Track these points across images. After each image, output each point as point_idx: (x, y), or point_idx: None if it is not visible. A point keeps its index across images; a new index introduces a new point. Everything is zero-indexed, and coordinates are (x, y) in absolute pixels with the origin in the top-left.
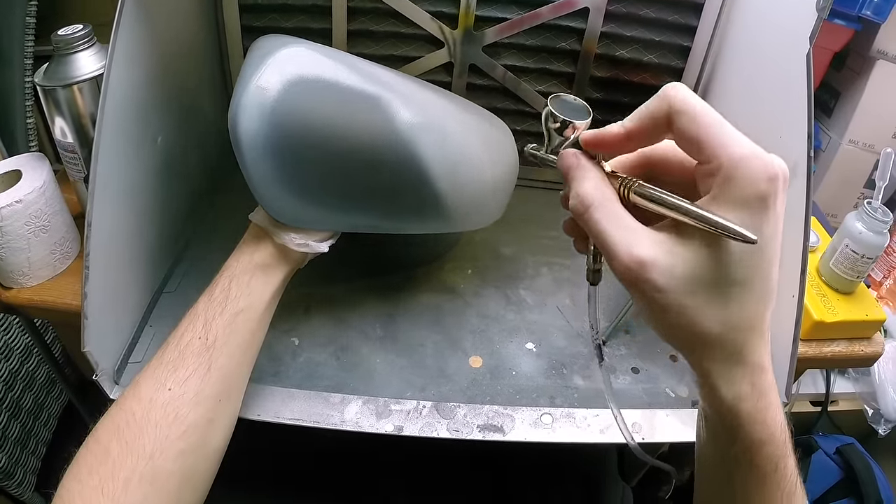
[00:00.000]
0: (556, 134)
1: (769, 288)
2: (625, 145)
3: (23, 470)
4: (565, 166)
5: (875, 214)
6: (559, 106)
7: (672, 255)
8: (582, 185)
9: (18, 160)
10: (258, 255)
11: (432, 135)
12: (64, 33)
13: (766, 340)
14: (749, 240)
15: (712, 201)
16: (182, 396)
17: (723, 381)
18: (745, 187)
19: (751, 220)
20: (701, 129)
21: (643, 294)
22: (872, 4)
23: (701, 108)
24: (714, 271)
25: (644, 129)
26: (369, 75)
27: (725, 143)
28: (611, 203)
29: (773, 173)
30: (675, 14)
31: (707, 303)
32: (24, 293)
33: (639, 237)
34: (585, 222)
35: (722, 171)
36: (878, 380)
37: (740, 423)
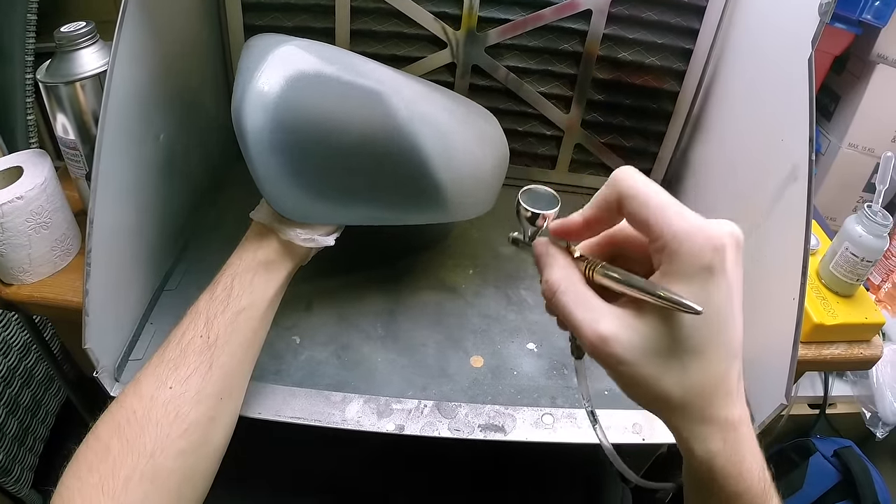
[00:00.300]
0: (528, 223)
1: (728, 350)
2: (586, 231)
3: (20, 467)
4: (536, 255)
5: (875, 218)
6: (529, 199)
7: (631, 330)
8: (550, 272)
9: (19, 156)
10: (261, 253)
11: (431, 127)
12: (67, 30)
13: (734, 397)
14: (693, 311)
15: (663, 276)
16: (183, 395)
17: (693, 439)
18: (690, 260)
19: (699, 290)
20: (646, 210)
21: (609, 366)
22: (873, 8)
23: (645, 190)
24: (668, 341)
25: (600, 215)
26: (368, 71)
27: (669, 220)
28: (576, 286)
29: (719, 243)
30: (677, 17)
31: (666, 370)
32: (24, 290)
33: (601, 315)
34: (554, 305)
35: (667, 247)
36: (875, 383)
37: (714, 477)
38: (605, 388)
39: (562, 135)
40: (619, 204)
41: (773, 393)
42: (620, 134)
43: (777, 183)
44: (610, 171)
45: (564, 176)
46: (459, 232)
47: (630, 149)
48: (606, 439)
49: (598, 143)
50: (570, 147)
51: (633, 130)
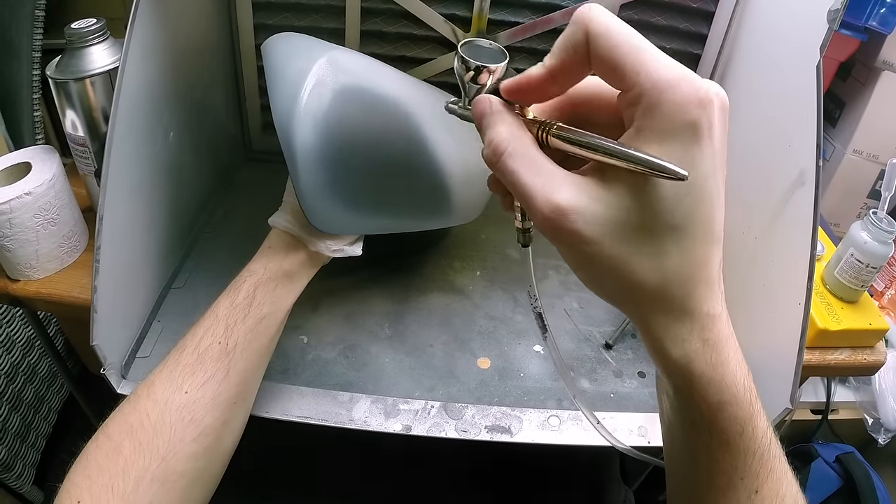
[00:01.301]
0: (471, 84)
1: (713, 229)
2: (549, 88)
3: (22, 463)
4: (478, 113)
5: (880, 224)
6: (471, 51)
7: (596, 201)
8: (495, 131)
9: (28, 152)
10: (287, 263)
11: (446, 138)
12: (78, 27)
13: (715, 288)
14: (679, 176)
15: (636, 135)
16: (199, 401)
17: (668, 338)
18: (672, 115)
19: (681, 153)
20: (619, 52)
21: (567, 246)
22: (879, 15)
23: (618, 28)
24: (644, 215)
25: (566, 63)
26: (390, 81)
27: (647, 65)
28: (526, 148)
29: (705, 97)
30: (686, 22)
31: (640, 251)
32: (31, 286)
33: (558, 183)
34: (500, 171)
35: (644, 98)
36: (878, 389)
37: (693, 384)
38: (611, 390)
39: None
40: (586, 46)
41: (778, 397)
42: None
43: (784, 188)
44: None
45: None
46: (467, 234)
47: None
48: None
49: None
50: None
51: None
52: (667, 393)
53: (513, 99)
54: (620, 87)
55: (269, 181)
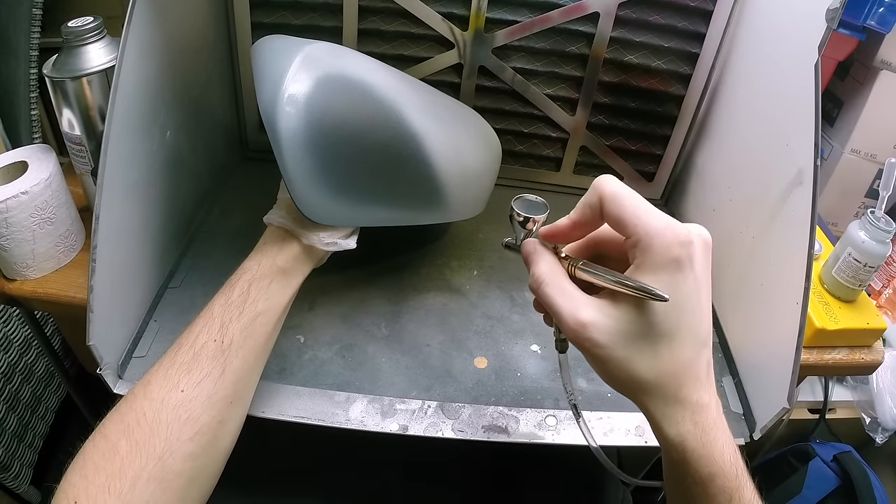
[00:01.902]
0: (520, 226)
1: (696, 337)
2: (572, 233)
3: (19, 463)
4: (525, 254)
5: (878, 224)
6: (521, 205)
7: (608, 317)
8: (537, 267)
9: (24, 151)
10: (281, 258)
11: (433, 132)
12: (74, 25)
13: (704, 382)
14: (661, 298)
15: (636, 269)
16: (195, 399)
17: (665, 421)
18: (660, 254)
19: (668, 281)
20: (622, 210)
21: (588, 350)
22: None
23: (622, 192)
24: (641, 327)
25: (584, 217)
26: (378, 75)
27: (642, 219)
28: (559, 279)
29: (686, 239)
30: (684, 21)
31: (640, 354)
32: (27, 285)
33: (581, 304)
34: (540, 297)
35: (640, 243)
36: (875, 388)
37: (686, 458)
38: (608, 390)
39: (567, 137)
40: (600, 205)
41: (775, 397)
42: (626, 137)
43: (782, 187)
44: (615, 173)
45: (569, 178)
46: (464, 233)
47: (635, 151)
48: (591, 434)
49: (603, 145)
50: (576, 149)
51: (638, 133)
52: (666, 465)
53: (547, 241)
54: (624, 235)
55: (265, 180)
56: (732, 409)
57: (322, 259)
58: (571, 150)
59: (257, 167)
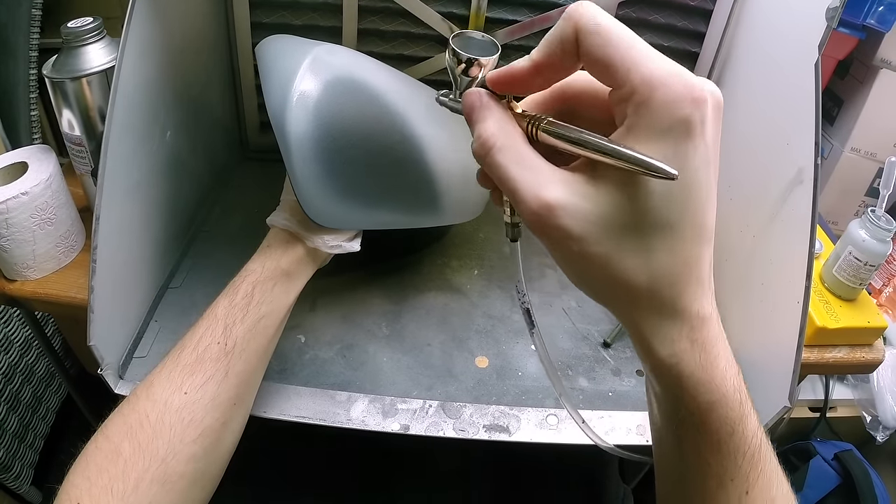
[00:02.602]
0: (462, 76)
1: (703, 228)
2: (535, 81)
3: (20, 463)
4: (467, 106)
5: (879, 222)
6: (463, 43)
7: (585, 198)
8: (484, 126)
9: (24, 152)
10: (285, 261)
11: (441, 134)
12: (74, 26)
13: (706, 287)
14: (669, 175)
15: (627, 132)
16: (199, 401)
17: (657, 338)
18: (664, 112)
19: (673, 150)
20: (611, 49)
21: (555, 243)
22: (877, 14)
23: (609, 25)
24: (633, 214)
25: (553, 58)
26: (381, 77)
27: (639, 62)
28: (515, 143)
29: (699, 95)
30: (684, 20)
31: (629, 250)
32: (28, 286)
33: (546, 179)
34: (488, 166)
35: (636, 94)
36: (876, 387)
37: (682, 384)
38: (609, 389)
39: None
40: (575, 42)
41: (776, 395)
42: None
43: (782, 186)
44: None
45: None
46: (465, 233)
47: None
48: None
49: None
50: None
51: None
52: (655, 393)
53: (498, 91)
54: (611, 84)
55: (266, 180)
56: None
57: (325, 261)
58: None
59: (257, 167)
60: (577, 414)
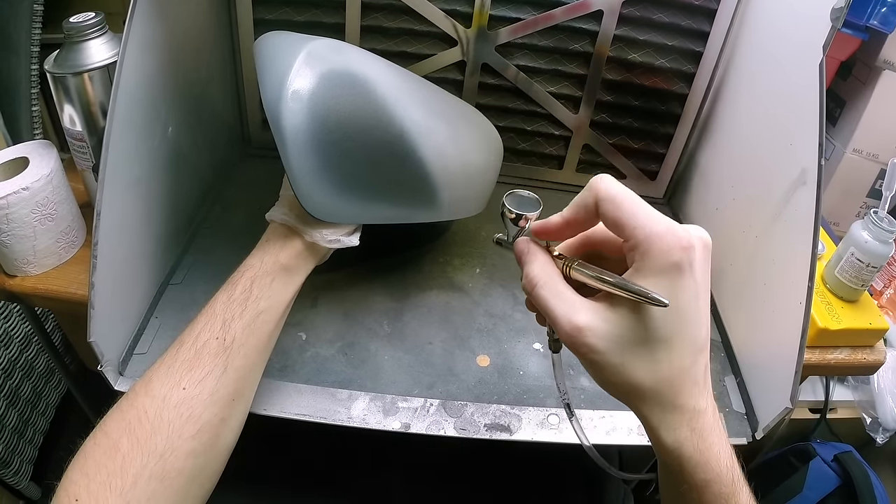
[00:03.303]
0: (512, 224)
1: (694, 344)
2: (565, 232)
3: (19, 459)
4: (517, 253)
5: (881, 224)
6: (513, 201)
7: (605, 321)
8: (530, 268)
9: (25, 147)
10: (283, 255)
11: (443, 129)
12: (76, 21)
13: (701, 387)
14: (660, 303)
15: (635, 273)
16: (197, 397)
17: (662, 427)
18: (660, 258)
19: (667, 286)
20: (620, 212)
21: (583, 355)
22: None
23: (620, 194)
24: (639, 332)
25: (578, 216)
26: (376, 72)
27: (642, 222)
28: (553, 281)
29: (687, 244)
30: (688, 19)
31: (637, 359)
32: (28, 281)
33: (577, 308)
34: (534, 298)
35: (640, 246)
36: (877, 389)
37: (683, 464)
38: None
39: (570, 135)
40: (595, 206)
41: (778, 396)
42: (628, 135)
43: (785, 187)
44: (617, 171)
45: (572, 176)
46: (467, 231)
47: (638, 150)
48: (584, 433)
49: (606, 143)
50: (579, 147)
51: (641, 132)
52: (662, 471)
53: (538, 238)
54: (622, 238)
55: (267, 177)
56: (735, 409)
57: (325, 256)
58: (574, 149)
59: (259, 164)
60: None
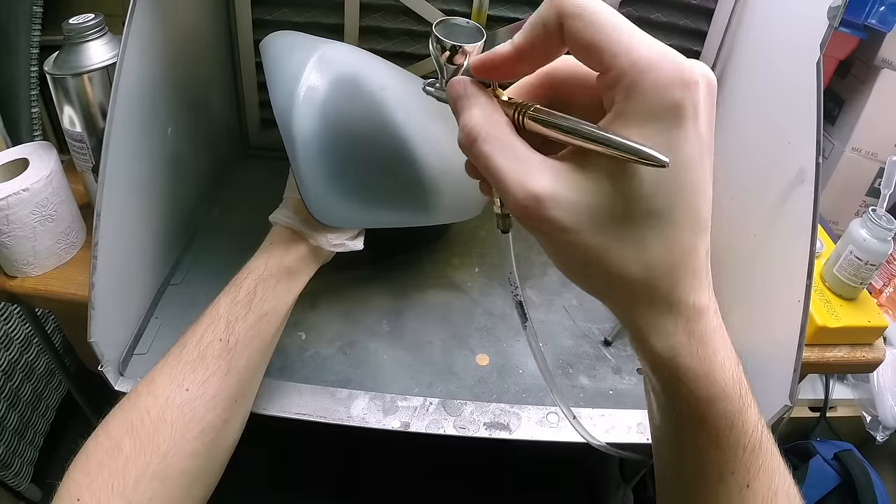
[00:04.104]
0: (447, 64)
1: (698, 217)
2: (519, 66)
3: (20, 460)
4: (452, 96)
5: (880, 222)
6: (447, 31)
7: (573, 188)
8: (469, 115)
9: (25, 148)
10: (288, 258)
11: (441, 136)
12: (75, 22)
13: (701, 278)
14: (659, 162)
15: (616, 118)
16: (200, 398)
17: (653, 331)
18: (653, 97)
19: (664, 137)
20: (595, 32)
21: (545, 235)
22: (878, 13)
23: (593, 6)
24: (624, 203)
25: (536, 42)
26: (387, 74)
27: (627, 45)
28: (501, 132)
29: (689, 77)
30: (685, 18)
31: (621, 241)
32: (28, 282)
33: (534, 169)
34: (474, 157)
35: (623, 79)
36: (876, 387)
37: (679, 378)
38: (610, 387)
39: None
40: (559, 26)
41: (777, 394)
42: None
43: (783, 185)
44: None
45: None
46: (466, 230)
47: None
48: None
49: None
50: None
51: None
52: (653, 388)
53: (481, 77)
54: (598, 69)
55: (267, 177)
56: None
57: (327, 259)
58: None
59: (258, 164)
60: (568, 410)
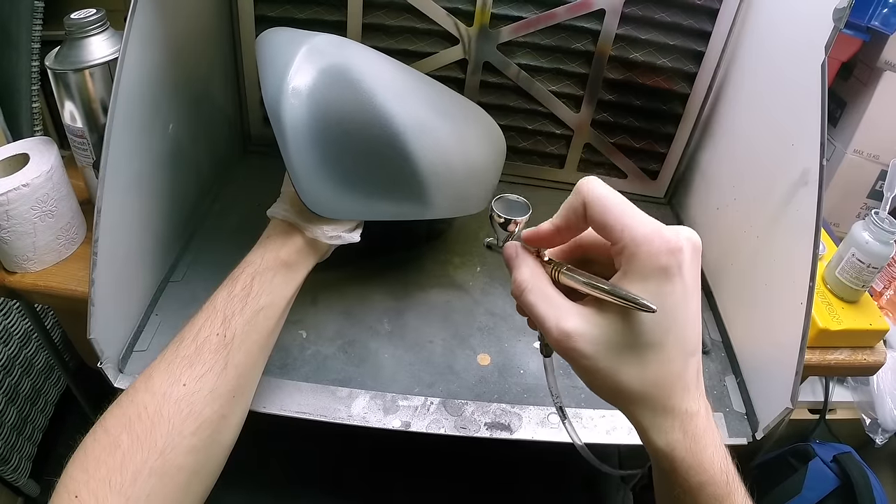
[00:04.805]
0: (501, 228)
1: (684, 347)
2: (556, 238)
3: (18, 456)
4: (506, 257)
5: (882, 224)
6: (502, 206)
7: (593, 326)
8: (518, 273)
9: (26, 144)
10: (284, 252)
11: (445, 126)
12: (77, 17)
13: (693, 390)
14: (648, 308)
15: (623, 277)
16: (197, 393)
17: (653, 430)
18: (647, 262)
19: (655, 290)
20: (607, 215)
21: (573, 360)
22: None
23: (607, 196)
24: (628, 336)
25: (568, 222)
26: (380, 65)
27: (629, 225)
28: (542, 285)
29: (675, 246)
30: (690, 19)
31: (626, 364)
32: (28, 278)
33: (565, 312)
34: (523, 303)
35: (626, 250)
36: (876, 390)
37: (675, 467)
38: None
39: (571, 134)
40: (583, 210)
41: (778, 396)
42: (630, 134)
43: (786, 187)
44: (619, 171)
45: (573, 175)
46: (468, 230)
47: (639, 149)
48: (577, 435)
49: (607, 143)
50: (580, 146)
51: (642, 131)
52: (656, 473)
53: (529, 245)
54: (610, 241)
55: (268, 173)
56: (735, 409)
57: (326, 253)
58: (575, 148)
59: (260, 160)
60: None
